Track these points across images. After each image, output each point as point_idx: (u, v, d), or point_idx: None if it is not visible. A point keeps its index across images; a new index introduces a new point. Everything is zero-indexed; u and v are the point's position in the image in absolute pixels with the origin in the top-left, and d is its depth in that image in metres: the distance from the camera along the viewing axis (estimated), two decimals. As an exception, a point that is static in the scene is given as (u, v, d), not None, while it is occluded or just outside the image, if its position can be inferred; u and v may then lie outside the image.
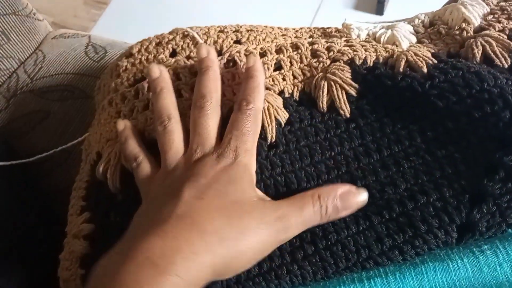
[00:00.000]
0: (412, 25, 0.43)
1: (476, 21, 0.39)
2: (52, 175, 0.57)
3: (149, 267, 0.25)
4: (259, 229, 0.29)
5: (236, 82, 0.40)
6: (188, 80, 0.40)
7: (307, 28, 0.48)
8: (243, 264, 0.30)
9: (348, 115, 0.37)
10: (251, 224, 0.29)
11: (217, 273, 0.28)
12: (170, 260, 0.26)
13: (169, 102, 0.37)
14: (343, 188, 0.32)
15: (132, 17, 1.51)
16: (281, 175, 0.35)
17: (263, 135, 0.37)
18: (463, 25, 0.40)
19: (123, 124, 0.39)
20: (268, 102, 0.38)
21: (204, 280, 0.28)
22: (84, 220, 0.37)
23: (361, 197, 0.32)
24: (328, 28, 0.47)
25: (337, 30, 0.46)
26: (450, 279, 0.30)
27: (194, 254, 0.26)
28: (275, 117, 0.37)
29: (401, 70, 0.36)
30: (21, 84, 0.66)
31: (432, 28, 0.42)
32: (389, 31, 0.41)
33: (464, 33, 0.39)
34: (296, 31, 0.47)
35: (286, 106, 0.38)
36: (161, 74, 0.39)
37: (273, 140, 0.37)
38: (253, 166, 0.34)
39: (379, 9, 1.38)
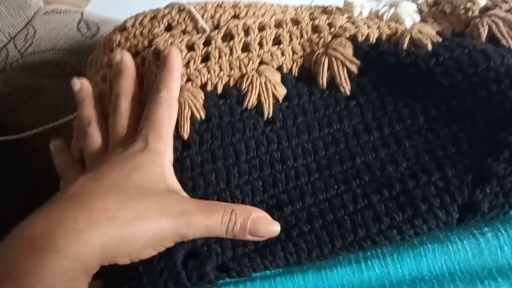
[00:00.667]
0: (416, 4, 0.42)
1: (482, 1, 0.38)
2: (41, 153, 0.55)
3: (27, 247, 0.24)
4: (158, 216, 0.28)
5: (233, 57, 0.39)
6: (184, 55, 0.39)
7: (307, 6, 0.47)
8: (139, 249, 0.28)
9: (348, 93, 0.36)
10: (150, 209, 0.28)
11: (108, 254, 0.27)
12: (49, 237, 0.24)
13: (88, 108, 0.38)
14: (258, 213, 0.31)
15: (127, -4, 1.48)
16: (277, 151, 0.35)
17: (259, 110, 0.36)
18: (469, 4, 0.38)
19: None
20: (266, 77, 0.37)
21: (94, 259, 0.26)
22: None
23: (273, 227, 0.31)
24: (328, 6, 0.46)
25: (338, 9, 0.45)
26: (449, 262, 0.29)
27: (77, 231, 0.25)
28: (272, 92, 0.36)
29: (405, 47, 0.35)
30: (11, 60, 0.64)
31: (436, 7, 0.41)
32: (392, 9, 0.40)
33: (470, 12, 0.38)
34: (296, 8, 0.46)
35: (284, 81, 0.37)
36: (82, 86, 0.40)
37: (270, 115, 0.36)
38: (167, 155, 0.32)
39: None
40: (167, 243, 0.30)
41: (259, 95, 0.36)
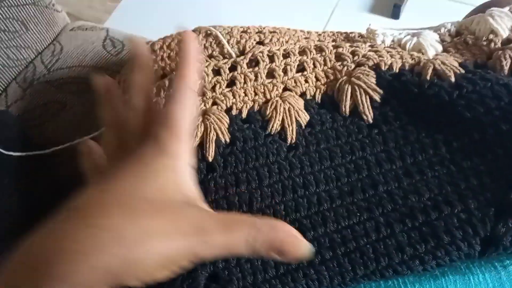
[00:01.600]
0: (438, 34, 0.42)
1: (504, 33, 0.39)
2: (67, 166, 0.57)
3: (29, 272, 0.22)
4: (171, 235, 0.24)
5: (258, 82, 0.40)
6: (210, 79, 0.40)
7: (330, 32, 0.48)
8: (149, 271, 0.24)
9: (371, 121, 0.37)
10: (161, 227, 0.24)
11: (114, 277, 0.23)
12: (51, 262, 0.22)
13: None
14: (289, 231, 0.26)
15: (147, 10, 1.51)
16: (299, 176, 0.35)
17: (283, 136, 0.37)
18: (491, 36, 0.39)
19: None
20: (289, 103, 0.37)
21: (99, 284, 0.23)
22: None
23: (304, 248, 0.26)
24: (351, 33, 0.47)
25: (361, 35, 0.46)
26: (471, 293, 0.29)
27: (80, 254, 0.22)
28: (295, 118, 0.37)
29: (428, 78, 0.36)
30: (38, 75, 0.66)
31: (458, 38, 0.41)
32: (415, 39, 0.41)
33: (492, 44, 0.38)
34: (319, 34, 0.47)
35: (307, 108, 0.38)
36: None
37: (293, 141, 0.37)
38: (183, 157, 0.28)
39: (395, 13, 1.36)
40: (182, 264, 0.25)
41: (282, 120, 0.37)
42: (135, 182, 0.26)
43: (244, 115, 0.38)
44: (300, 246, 0.26)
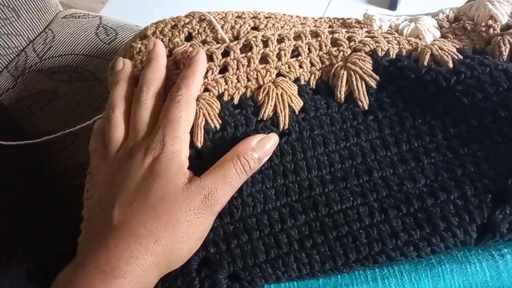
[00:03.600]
0: (436, 19, 0.41)
1: (504, 19, 0.38)
2: (58, 157, 0.56)
3: (98, 273, 0.28)
4: (189, 216, 0.30)
5: (251, 68, 0.39)
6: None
7: (327, 18, 0.47)
8: (187, 251, 0.31)
9: (366, 107, 0.36)
10: (178, 215, 0.30)
11: (164, 267, 0.30)
12: (114, 266, 0.28)
13: (118, 93, 0.38)
14: (255, 138, 0.34)
15: (141, 0, 1.50)
16: (291, 163, 0.35)
17: (275, 122, 0.36)
18: (490, 22, 0.38)
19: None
20: (282, 89, 0.37)
21: (153, 276, 0.30)
22: None
23: (274, 138, 0.35)
24: (348, 18, 0.46)
25: (358, 21, 0.45)
26: (467, 283, 0.29)
27: (134, 258, 0.29)
28: (288, 104, 0.36)
29: (425, 63, 0.35)
30: (29, 63, 0.65)
31: (457, 24, 0.41)
32: (413, 24, 0.40)
33: (491, 30, 0.38)
34: (315, 20, 0.46)
35: (301, 93, 0.37)
36: (124, 67, 0.40)
37: (286, 127, 0.36)
38: (182, 152, 0.33)
39: (392, 4, 1.36)
40: (210, 226, 0.32)
41: (275, 106, 0.36)
42: (149, 185, 0.31)
43: (236, 101, 0.38)
44: (269, 136, 0.34)
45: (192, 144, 0.35)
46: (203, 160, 0.34)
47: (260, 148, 0.33)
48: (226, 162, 0.33)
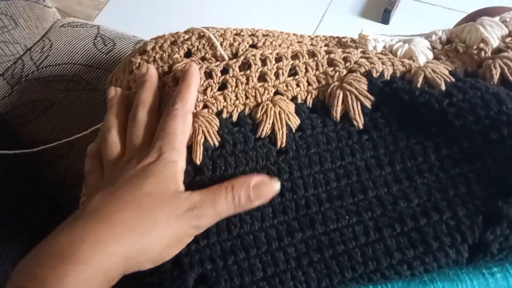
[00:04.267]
0: (429, 41, 0.43)
1: (495, 42, 0.39)
2: (54, 166, 0.56)
3: (53, 258, 0.26)
4: (169, 221, 0.30)
5: (249, 86, 0.40)
6: (202, 82, 0.40)
7: (323, 36, 0.48)
8: (158, 254, 0.31)
9: (361, 127, 0.37)
10: (160, 216, 0.30)
11: (130, 262, 0.29)
12: (74, 250, 0.27)
13: (113, 116, 0.39)
14: (256, 179, 0.33)
15: (136, 7, 1.50)
16: (288, 181, 0.35)
17: (273, 140, 0.37)
18: (481, 45, 0.39)
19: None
20: (280, 107, 0.37)
21: (117, 268, 0.28)
22: None
23: (274, 186, 0.34)
24: (343, 37, 0.47)
25: (353, 41, 0.46)
26: (458, 300, 0.29)
27: (100, 243, 0.27)
28: (286, 122, 0.37)
29: (418, 85, 0.36)
30: (26, 71, 0.65)
31: (449, 46, 0.42)
32: (406, 45, 0.41)
33: (482, 53, 0.39)
34: (312, 38, 0.47)
35: (298, 112, 0.38)
36: (115, 94, 0.41)
37: (283, 145, 0.37)
38: (180, 164, 0.34)
39: (385, 18, 1.38)
40: (185, 240, 0.32)
41: (273, 124, 0.37)
42: (139, 183, 0.31)
43: (234, 118, 0.38)
44: (271, 183, 0.34)
45: (190, 161, 0.35)
46: (201, 177, 0.35)
47: (257, 189, 0.33)
48: (219, 188, 0.33)
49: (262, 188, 0.33)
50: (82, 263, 0.27)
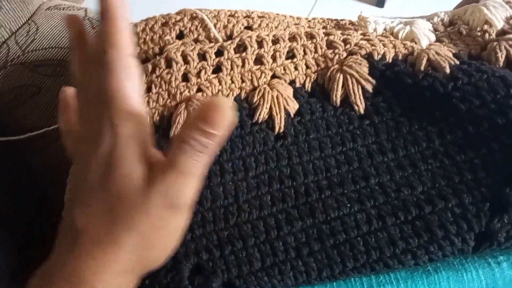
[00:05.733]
0: (431, 23, 0.41)
1: (499, 24, 0.38)
2: (42, 153, 0.54)
3: (65, 283, 0.26)
4: (151, 219, 0.27)
5: (245, 69, 0.38)
6: (195, 65, 0.38)
7: (320, 18, 0.46)
8: (162, 253, 0.29)
9: (362, 111, 0.36)
10: (141, 220, 0.26)
11: (139, 271, 0.28)
12: (81, 276, 0.26)
13: None
14: (196, 113, 0.26)
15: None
16: (287, 167, 0.34)
17: (270, 125, 0.35)
18: (485, 27, 0.38)
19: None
20: (278, 91, 0.36)
21: (128, 282, 0.28)
22: None
23: (220, 102, 0.25)
24: (341, 20, 0.46)
25: (351, 23, 0.45)
26: (463, 290, 0.29)
27: (100, 267, 0.26)
28: (284, 106, 0.36)
29: (422, 68, 0.35)
30: (11, 56, 0.63)
31: (452, 28, 0.41)
32: (408, 27, 0.40)
33: (486, 35, 0.38)
34: (309, 21, 0.46)
35: (296, 96, 0.37)
36: None
37: (281, 130, 0.35)
38: (141, 132, 0.27)
39: (380, 2, 1.36)
40: (181, 226, 0.28)
41: (270, 108, 0.36)
42: (105, 182, 0.27)
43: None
44: (214, 102, 0.25)
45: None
46: None
47: (207, 121, 0.25)
48: (174, 150, 0.26)
49: (211, 115, 0.25)
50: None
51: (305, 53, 0.39)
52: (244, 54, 0.39)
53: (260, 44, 0.39)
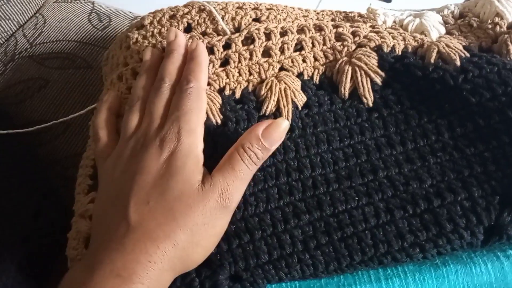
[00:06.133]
0: (441, 15, 0.41)
1: (510, 16, 0.38)
2: (49, 146, 0.55)
3: (114, 278, 0.27)
4: (205, 218, 0.30)
5: (253, 61, 0.38)
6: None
7: (329, 11, 0.46)
8: (203, 254, 0.31)
9: (371, 104, 0.35)
10: (196, 218, 0.30)
11: (178, 270, 0.30)
12: (131, 271, 0.28)
13: (143, 84, 0.37)
14: (261, 128, 0.32)
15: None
16: (294, 160, 0.34)
17: (278, 117, 0.35)
18: (496, 19, 0.38)
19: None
20: (285, 83, 0.36)
21: (168, 281, 0.30)
22: (90, 200, 0.35)
23: (283, 125, 0.32)
24: (350, 12, 0.45)
25: (360, 15, 0.44)
26: (472, 284, 0.28)
27: (151, 263, 0.28)
28: (291, 99, 0.36)
29: (432, 61, 0.34)
30: (19, 49, 0.63)
31: (462, 20, 0.40)
32: (417, 20, 0.40)
33: (497, 28, 0.37)
34: (317, 13, 0.45)
35: (304, 89, 0.37)
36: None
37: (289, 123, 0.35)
38: (198, 146, 0.33)
39: (387, -4, 1.35)
40: (224, 229, 0.32)
41: (278, 101, 0.36)
42: (166, 184, 0.30)
43: (237, 95, 0.37)
44: (278, 123, 0.32)
45: None
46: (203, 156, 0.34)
47: (267, 136, 0.32)
48: (233, 155, 0.31)
49: (272, 133, 0.32)
50: (141, 283, 0.28)
51: (313, 46, 0.38)
52: (251, 46, 0.38)
53: (268, 36, 0.39)
